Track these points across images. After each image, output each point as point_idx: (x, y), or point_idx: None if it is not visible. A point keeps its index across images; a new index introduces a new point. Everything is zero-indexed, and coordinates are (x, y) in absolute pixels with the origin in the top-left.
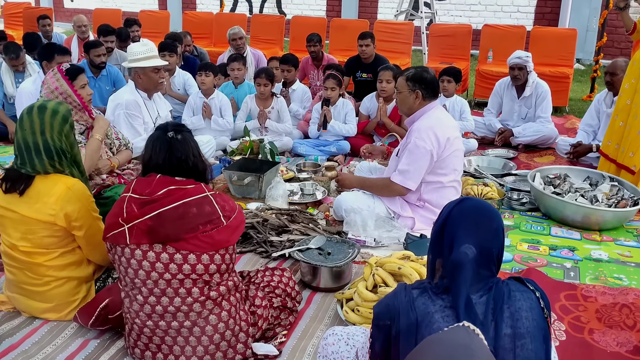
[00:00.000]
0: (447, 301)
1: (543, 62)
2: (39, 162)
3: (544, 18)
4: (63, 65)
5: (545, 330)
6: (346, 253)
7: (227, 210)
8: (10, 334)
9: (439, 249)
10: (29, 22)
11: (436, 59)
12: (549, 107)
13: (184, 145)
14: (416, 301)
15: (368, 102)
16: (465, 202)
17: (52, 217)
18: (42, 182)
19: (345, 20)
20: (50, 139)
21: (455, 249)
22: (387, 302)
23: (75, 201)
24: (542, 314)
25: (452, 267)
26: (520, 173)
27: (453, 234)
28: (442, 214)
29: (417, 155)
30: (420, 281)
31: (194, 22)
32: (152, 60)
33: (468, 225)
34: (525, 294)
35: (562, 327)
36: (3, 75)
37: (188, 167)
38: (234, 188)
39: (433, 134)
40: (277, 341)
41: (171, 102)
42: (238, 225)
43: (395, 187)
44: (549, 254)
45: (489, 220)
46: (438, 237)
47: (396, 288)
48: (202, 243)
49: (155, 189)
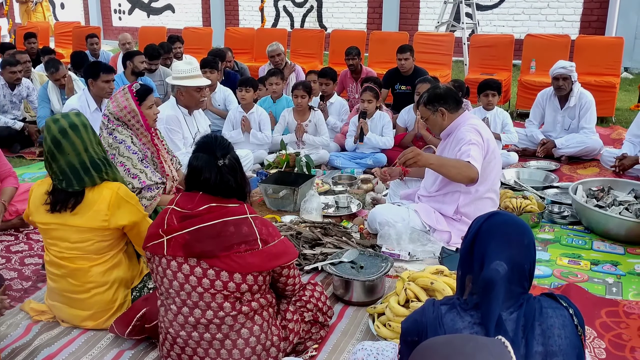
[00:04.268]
0: (475, 318)
1: (588, 71)
2: (89, 178)
3: (590, 26)
4: (134, 85)
5: (580, 349)
6: (379, 267)
7: (265, 234)
8: (49, 343)
9: (468, 265)
10: (77, 41)
11: (477, 69)
12: (593, 117)
13: (232, 171)
14: (444, 317)
15: (405, 114)
16: (495, 217)
17: (105, 222)
18: (89, 192)
19: (384, 33)
20: (94, 152)
21: (486, 266)
22: (415, 318)
23: (125, 203)
24: (576, 331)
25: (484, 284)
26: (562, 185)
27: (484, 250)
28: (471, 229)
29: (474, 146)
30: (449, 297)
31: (235, 37)
32: (195, 80)
33: (499, 241)
34: (557, 311)
35: (602, 344)
36: (50, 92)
37: (233, 188)
38: (269, 201)
39: (477, 132)
40: (308, 355)
41: (210, 117)
42: (278, 254)
43: (472, 171)
44: (590, 268)
45: (520, 235)
46: (468, 254)
47: (424, 304)
48: (234, 263)
49: (198, 204)
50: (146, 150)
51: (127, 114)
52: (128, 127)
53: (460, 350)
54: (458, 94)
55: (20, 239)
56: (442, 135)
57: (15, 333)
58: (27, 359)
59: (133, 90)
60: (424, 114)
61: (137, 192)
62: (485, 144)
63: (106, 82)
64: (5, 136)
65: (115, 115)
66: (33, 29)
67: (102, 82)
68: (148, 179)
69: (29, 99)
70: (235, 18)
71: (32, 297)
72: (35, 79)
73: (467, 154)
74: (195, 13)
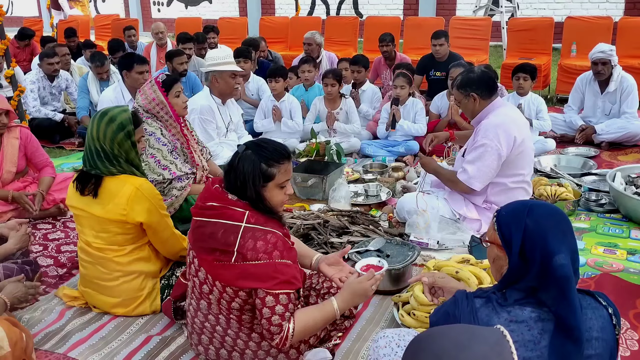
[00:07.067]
0: (513, 315)
1: (632, 54)
2: (102, 164)
3: (635, 7)
4: (160, 76)
5: (614, 350)
6: (405, 255)
7: (248, 250)
8: (80, 328)
9: (522, 271)
10: (116, 33)
11: (515, 54)
12: (635, 102)
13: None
14: (479, 312)
15: (439, 100)
16: (535, 211)
17: (123, 216)
18: (112, 183)
19: (420, 19)
20: (107, 145)
21: (552, 264)
22: (447, 310)
23: (145, 200)
24: (614, 332)
25: (559, 284)
26: (600, 172)
27: (542, 249)
28: (512, 234)
29: (484, 154)
30: (484, 290)
31: (270, 27)
32: (230, 65)
33: (554, 233)
34: (597, 312)
35: (636, 336)
36: (90, 84)
37: (238, 188)
38: (298, 190)
39: (501, 132)
40: (332, 343)
41: (243, 107)
42: (257, 276)
43: (460, 185)
44: (626, 258)
45: (567, 222)
46: (520, 262)
47: (456, 295)
48: (213, 270)
49: (208, 199)
50: (175, 142)
51: (156, 106)
52: (157, 119)
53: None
54: (493, 79)
55: (57, 227)
56: (473, 122)
57: (49, 318)
58: (59, 343)
59: (160, 82)
60: (458, 98)
61: (168, 182)
62: (509, 146)
63: (140, 74)
64: (45, 127)
65: (144, 107)
66: (73, 23)
67: (136, 73)
68: (178, 170)
69: (68, 91)
70: (272, 7)
71: (66, 283)
72: (75, 72)
73: (462, 167)
74: (232, 3)
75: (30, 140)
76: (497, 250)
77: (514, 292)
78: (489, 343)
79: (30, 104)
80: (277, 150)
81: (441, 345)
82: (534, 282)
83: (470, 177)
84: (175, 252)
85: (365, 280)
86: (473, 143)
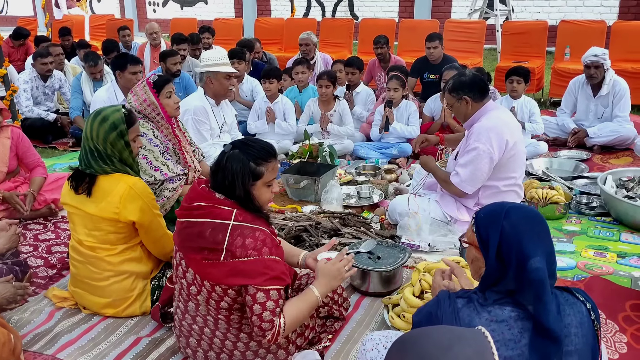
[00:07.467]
0: (493, 315)
1: (625, 58)
2: (96, 164)
3: (629, 12)
4: (152, 77)
5: (594, 346)
6: (396, 257)
7: (237, 247)
8: (70, 329)
9: (500, 273)
10: (111, 33)
11: (509, 57)
12: (627, 105)
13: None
14: (461, 312)
15: (432, 103)
16: (512, 214)
17: (116, 214)
18: (106, 182)
19: (414, 21)
20: (100, 145)
21: (527, 267)
22: (429, 311)
23: (137, 199)
24: (593, 328)
25: (533, 287)
26: (591, 175)
27: (518, 252)
28: (490, 234)
29: (476, 158)
30: (465, 290)
31: (265, 28)
32: (224, 66)
33: (529, 237)
34: (575, 307)
35: (624, 339)
36: (83, 84)
37: (226, 187)
38: (290, 191)
39: (493, 135)
40: (321, 345)
41: (237, 108)
42: (246, 273)
43: (452, 187)
44: (616, 261)
45: (544, 225)
46: (497, 264)
47: (439, 295)
48: (201, 269)
49: (194, 199)
50: (167, 142)
51: (147, 107)
52: (149, 120)
53: (437, 343)
54: (485, 82)
55: (48, 228)
56: (465, 125)
57: (38, 319)
58: (48, 344)
59: (151, 83)
60: (449, 102)
61: (160, 184)
62: (500, 149)
63: (133, 74)
64: (38, 127)
65: (135, 108)
66: (68, 22)
67: (129, 73)
68: (170, 171)
69: (61, 91)
70: (267, 8)
71: (56, 284)
72: (68, 72)
73: (454, 170)
74: (228, 4)
75: (21, 140)
76: (475, 252)
77: (493, 293)
78: (471, 345)
79: (23, 103)
80: (265, 148)
81: (423, 347)
82: (512, 285)
83: (462, 180)
84: (166, 253)
85: (337, 261)
86: (465, 146)
